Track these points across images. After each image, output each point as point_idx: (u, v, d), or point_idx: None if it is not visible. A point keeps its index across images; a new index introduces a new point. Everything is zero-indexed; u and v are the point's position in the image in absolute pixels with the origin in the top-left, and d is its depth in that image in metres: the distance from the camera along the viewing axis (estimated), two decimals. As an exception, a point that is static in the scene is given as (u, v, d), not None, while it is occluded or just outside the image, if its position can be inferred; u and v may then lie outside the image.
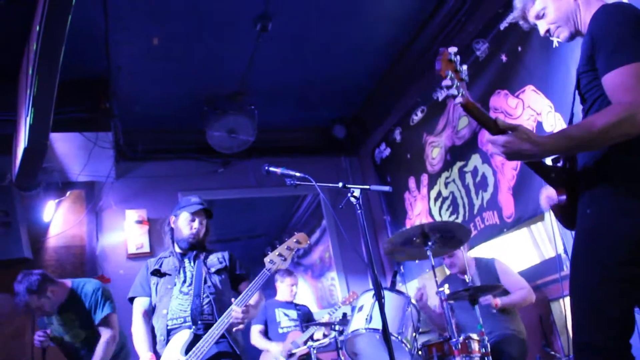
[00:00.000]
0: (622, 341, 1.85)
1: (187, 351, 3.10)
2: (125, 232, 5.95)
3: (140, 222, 5.94)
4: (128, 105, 5.66)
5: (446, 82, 1.87)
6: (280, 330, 5.27)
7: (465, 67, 1.91)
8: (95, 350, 3.87)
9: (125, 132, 5.89)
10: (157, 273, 3.44)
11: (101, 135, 5.31)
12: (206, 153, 6.43)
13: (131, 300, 3.47)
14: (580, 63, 2.00)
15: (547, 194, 2.19)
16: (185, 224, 3.49)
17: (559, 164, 2.13)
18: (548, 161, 2.15)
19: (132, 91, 5.58)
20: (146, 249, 5.86)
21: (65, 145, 5.27)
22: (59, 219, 5.78)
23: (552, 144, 1.85)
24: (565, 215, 2.11)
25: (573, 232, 2.03)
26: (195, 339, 3.13)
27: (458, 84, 1.87)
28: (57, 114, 4.00)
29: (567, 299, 3.65)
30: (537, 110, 4.22)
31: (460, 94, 1.86)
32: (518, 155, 1.89)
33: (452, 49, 1.90)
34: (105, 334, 3.91)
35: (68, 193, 5.83)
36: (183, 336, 3.17)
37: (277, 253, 3.27)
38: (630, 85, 1.77)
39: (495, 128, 1.89)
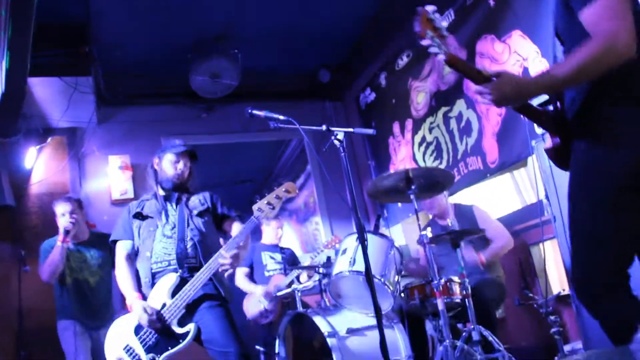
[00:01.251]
0: (621, 274, 1.85)
1: (173, 294, 3.12)
2: (109, 178, 5.91)
3: (123, 167, 5.90)
4: (108, 50, 5.52)
5: (426, 41, 1.91)
6: (267, 274, 5.34)
7: (444, 23, 1.96)
8: (105, 296, 4.31)
9: (105, 77, 5.76)
10: (139, 216, 3.42)
11: (81, 80, 5.18)
12: (190, 98, 6.34)
13: (113, 243, 3.43)
14: (555, 4, 1.99)
15: None
16: (169, 165, 3.45)
17: (550, 107, 2.12)
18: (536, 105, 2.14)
19: (112, 35, 5.44)
20: (130, 194, 5.84)
21: (44, 90, 5.15)
22: (40, 165, 5.71)
23: (537, 85, 1.86)
24: (561, 156, 2.10)
25: (558, 181, 2.05)
26: (182, 282, 3.16)
27: (439, 41, 1.91)
28: (35, 58, 3.90)
29: (547, 243, 3.74)
30: (523, 55, 4.19)
31: (442, 52, 1.89)
32: (505, 100, 1.91)
33: (430, 7, 1.93)
34: None
35: (49, 139, 5.73)
36: (169, 279, 3.19)
37: (265, 201, 3.25)
38: (609, 16, 1.76)
39: (480, 77, 1.89)
